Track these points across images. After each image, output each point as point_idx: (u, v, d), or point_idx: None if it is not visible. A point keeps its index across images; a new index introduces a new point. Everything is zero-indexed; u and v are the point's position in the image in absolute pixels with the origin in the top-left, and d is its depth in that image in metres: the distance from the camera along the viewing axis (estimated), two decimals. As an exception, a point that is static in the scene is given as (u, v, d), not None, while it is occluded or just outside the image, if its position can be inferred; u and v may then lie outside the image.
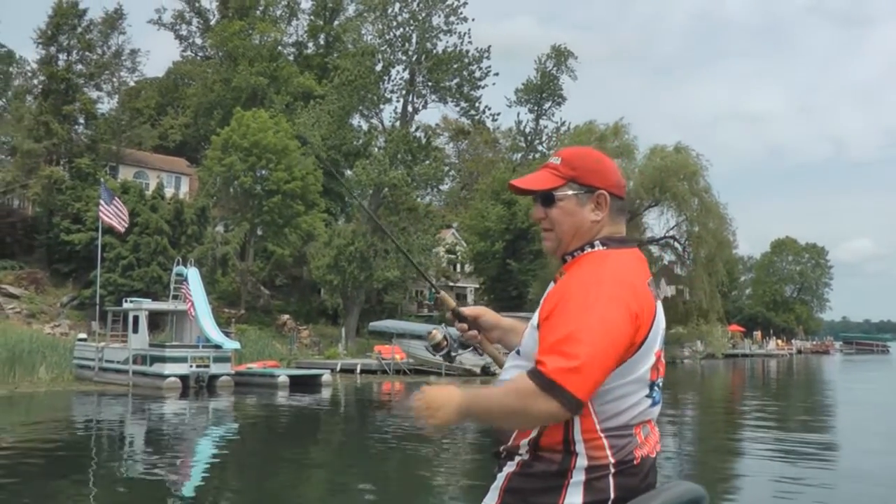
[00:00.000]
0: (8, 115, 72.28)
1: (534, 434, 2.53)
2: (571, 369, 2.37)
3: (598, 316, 2.43)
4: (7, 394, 31.61)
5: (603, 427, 2.50)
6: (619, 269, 2.59)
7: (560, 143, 74.77)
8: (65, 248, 57.40)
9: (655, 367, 2.63)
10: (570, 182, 2.72)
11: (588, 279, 2.55)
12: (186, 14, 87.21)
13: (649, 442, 2.66)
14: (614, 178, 2.78)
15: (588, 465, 2.48)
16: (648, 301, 2.57)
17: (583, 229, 2.71)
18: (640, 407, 2.59)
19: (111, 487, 14.38)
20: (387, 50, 64.75)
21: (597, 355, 2.39)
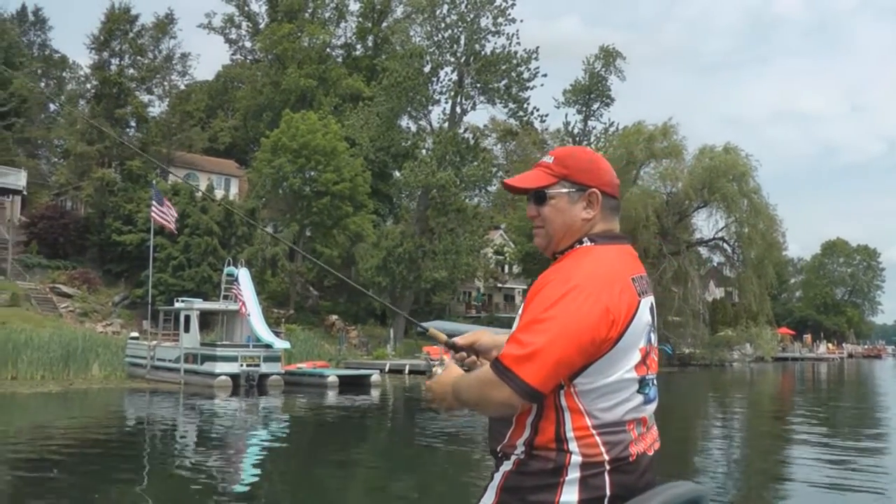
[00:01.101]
0: (61, 119, 73.26)
1: (528, 433, 2.56)
2: (523, 356, 2.43)
3: (561, 307, 2.45)
4: (62, 390, 32.00)
5: (594, 424, 2.51)
6: (598, 264, 2.60)
7: (609, 143, 74.42)
8: (116, 249, 58.14)
9: (643, 364, 2.63)
10: (562, 180, 2.74)
11: (562, 273, 2.57)
12: (236, 18, 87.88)
13: (645, 439, 2.68)
14: (607, 177, 2.78)
15: (582, 462, 2.49)
16: (628, 297, 2.56)
17: (574, 227, 2.73)
18: (632, 403, 2.59)
19: (162, 483, 14.50)
20: (435, 51, 64.79)
21: (552, 345, 2.41)
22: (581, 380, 2.50)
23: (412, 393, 38.93)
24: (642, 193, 63.14)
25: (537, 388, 2.43)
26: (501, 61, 64.20)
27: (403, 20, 75.85)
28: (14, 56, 72.11)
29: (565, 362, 2.44)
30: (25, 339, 36.64)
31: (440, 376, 2.80)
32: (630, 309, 2.54)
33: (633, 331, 2.55)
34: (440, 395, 2.74)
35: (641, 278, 2.69)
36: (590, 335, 2.43)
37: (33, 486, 13.75)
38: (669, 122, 66.53)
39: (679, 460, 17.78)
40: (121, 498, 12.92)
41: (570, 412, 2.51)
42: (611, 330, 2.47)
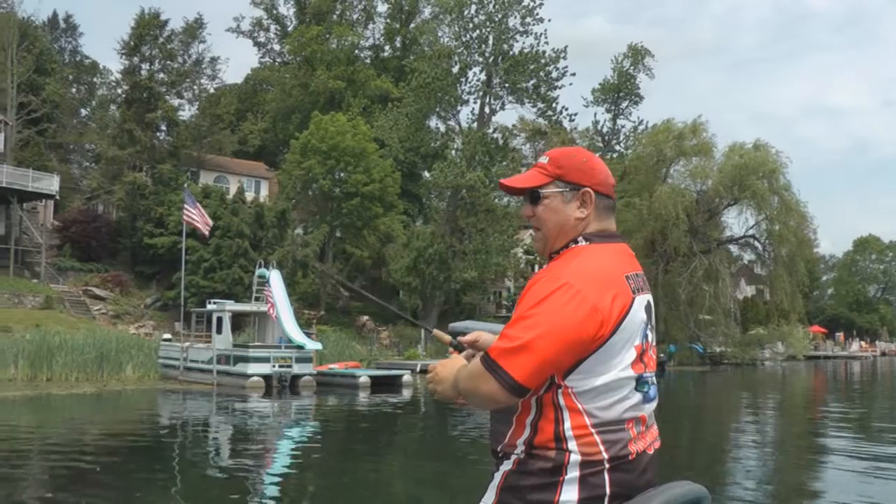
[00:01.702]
0: (92, 124, 73.80)
1: (527, 433, 2.57)
2: (510, 350, 2.44)
3: (549, 304, 2.46)
4: (96, 391, 32.23)
5: (593, 423, 2.52)
6: (589, 262, 2.61)
7: (638, 142, 74.27)
8: (148, 252, 58.56)
9: (640, 362, 2.63)
10: (555, 180, 2.75)
11: (553, 271, 2.58)
12: (264, 21, 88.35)
13: (645, 437, 2.67)
14: (601, 177, 2.77)
15: (582, 461, 2.49)
16: (620, 294, 2.56)
17: (567, 226, 2.73)
18: (630, 402, 2.60)
19: (195, 482, 14.58)
20: (463, 52, 64.86)
21: (539, 341, 2.42)
22: (575, 378, 2.51)
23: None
24: (672, 192, 62.95)
25: (522, 383, 2.45)
26: (530, 61, 64.20)
27: (431, 21, 76.00)
28: (46, 62, 72.63)
29: (551, 359, 2.45)
30: (60, 342, 36.90)
31: (447, 361, 2.83)
32: (623, 307, 2.54)
33: (626, 329, 2.55)
34: (442, 377, 2.76)
35: (637, 276, 2.70)
36: (576, 332, 2.44)
37: (71, 484, 13.88)
38: (699, 119, 66.34)
39: (709, 462, 17.72)
40: (157, 496, 13.01)
41: (569, 411, 2.52)
42: (600, 328, 2.48)
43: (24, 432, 21.84)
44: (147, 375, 37.37)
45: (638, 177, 67.42)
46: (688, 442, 21.74)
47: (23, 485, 14.22)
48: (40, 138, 69.66)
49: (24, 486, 14.08)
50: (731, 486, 14.25)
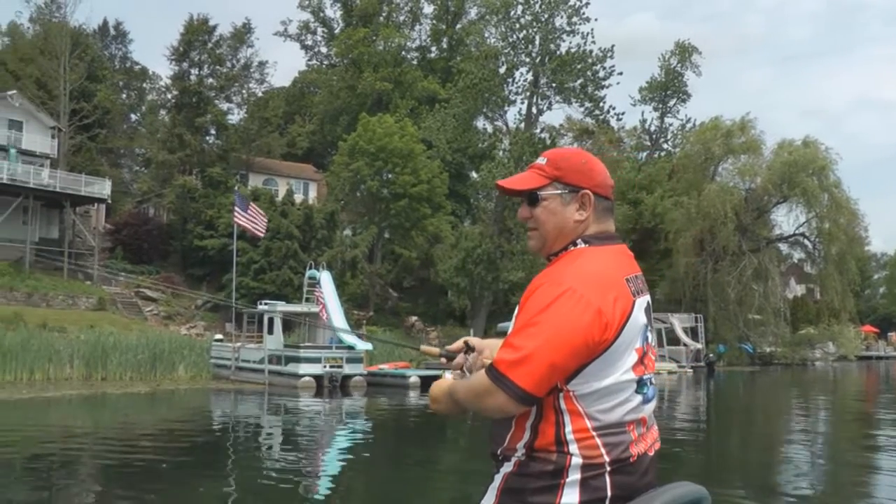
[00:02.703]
0: (142, 129, 74.60)
1: (528, 436, 2.56)
2: (516, 361, 2.44)
3: (553, 311, 2.46)
4: (150, 390, 32.63)
5: (594, 426, 2.51)
6: (591, 265, 2.60)
7: (686, 140, 73.89)
8: (198, 253, 59.16)
9: (640, 364, 2.62)
10: (554, 182, 2.73)
11: (554, 276, 2.57)
12: (311, 24, 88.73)
13: (645, 439, 2.67)
14: (600, 178, 2.75)
15: (583, 464, 2.49)
16: (621, 298, 2.55)
17: (566, 228, 2.72)
18: (631, 404, 2.59)
19: (247, 480, 14.72)
20: (510, 52, 64.83)
21: (545, 348, 2.43)
22: (578, 382, 2.51)
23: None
24: (720, 190, 62.62)
25: (531, 392, 2.45)
26: (576, 60, 64.03)
27: (478, 21, 76.03)
28: (97, 69, 73.47)
29: (558, 365, 2.45)
30: (114, 342, 37.45)
31: (439, 381, 2.82)
32: (625, 310, 2.54)
33: (629, 332, 2.55)
34: (441, 400, 2.76)
35: (636, 278, 2.69)
36: (582, 338, 2.44)
37: (124, 481, 14.11)
38: (747, 116, 65.97)
39: (760, 463, 17.62)
40: (209, 494, 13.20)
41: (570, 414, 2.52)
42: (605, 332, 2.47)
43: (81, 429, 22.24)
44: (199, 375, 37.76)
45: (686, 175, 67.14)
46: (738, 443, 21.68)
47: (79, 479, 14.51)
48: (92, 143, 70.53)
49: (81, 481, 14.36)
50: (782, 487, 14.22)
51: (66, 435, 20.79)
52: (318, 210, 59.07)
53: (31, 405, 27.35)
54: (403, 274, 64.94)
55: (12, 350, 34.38)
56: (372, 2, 79.41)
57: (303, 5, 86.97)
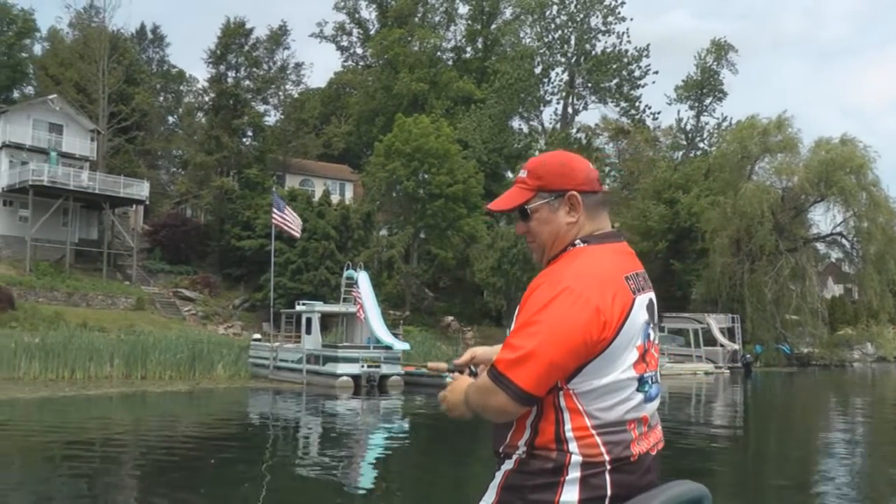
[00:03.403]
0: (180, 131, 75.17)
1: (528, 434, 2.57)
2: (515, 360, 2.47)
3: (551, 310, 2.47)
4: (189, 389, 32.88)
5: (594, 424, 2.52)
6: (589, 264, 2.60)
7: (722, 139, 73.50)
8: (236, 254, 59.52)
9: (642, 362, 2.63)
10: (539, 192, 2.73)
11: (553, 276, 2.58)
12: (347, 25, 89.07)
13: (647, 438, 2.67)
14: (582, 175, 2.74)
15: (583, 462, 2.50)
16: (620, 296, 2.55)
17: (561, 233, 2.72)
18: (632, 402, 2.59)
19: (286, 477, 14.87)
20: (545, 52, 64.97)
21: (543, 348, 2.44)
22: (578, 381, 2.52)
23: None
24: (757, 189, 62.20)
25: (531, 392, 2.47)
26: (612, 60, 64.07)
27: (513, 21, 76.13)
28: (135, 73, 74.10)
29: (558, 364, 2.46)
30: (153, 342, 37.81)
31: (454, 384, 2.84)
32: (624, 308, 2.54)
33: (629, 330, 2.55)
34: (453, 402, 2.77)
35: (637, 275, 2.68)
36: (581, 337, 2.45)
37: (164, 477, 14.29)
38: (784, 114, 65.34)
39: (797, 467, 17.56)
40: (248, 492, 13.34)
41: (570, 412, 2.52)
42: (603, 331, 2.48)
43: (122, 426, 22.48)
44: (237, 374, 37.99)
45: (722, 174, 66.73)
46: (775, 446, 21.59)
47: (120, 475, 14.72)
48: (130, 146, 71.13)
49: (122, 477, 14.57)
50: (820, 491, 14.19)
51: (107, 432, 21.05)
52: (355, 210, 59.25)
53: (73, 403, 27.67)
54: (439, 274, 65.05)
55: (54, 349, 34.83)
56: (407, 2, 79.58)
57: (338, 7, 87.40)
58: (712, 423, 26.22)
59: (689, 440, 20.01)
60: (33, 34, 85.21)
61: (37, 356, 34.25)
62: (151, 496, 13.09)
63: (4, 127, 58.51)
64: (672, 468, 12.49)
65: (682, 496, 2.59)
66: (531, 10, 65.48)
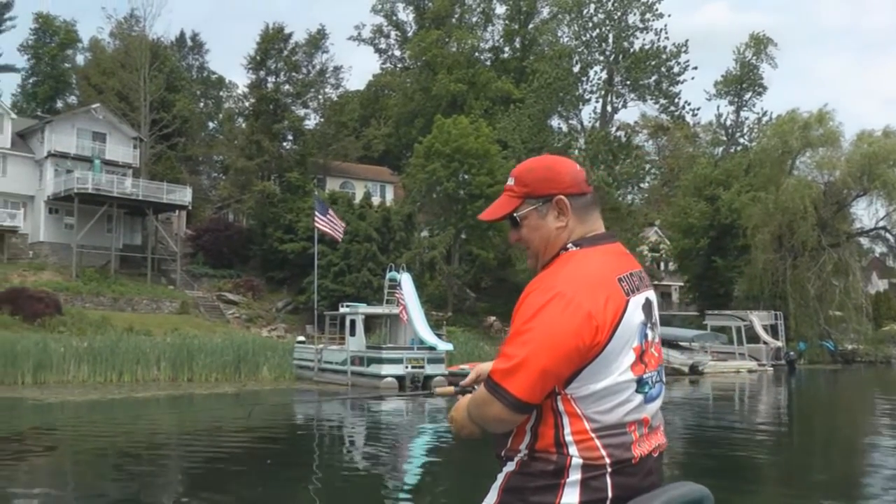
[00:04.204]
0: (220, 136, 75.79)
1: (528, 439, 2.58)
2: (508, 369, 2.48)
3: (543, 317, 2.46)
4: (235, 391, 33.22)
5: (593, 427, 2.51)
6: (580, 269, 2.60)
7: (762, 134, 72.98)
8: (278, 257, 60.00)
9: (640, 363, 2.60)
10: (526, 199, 2.74)
11: (544, 282, 2.58)
12: (385, 28, 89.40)
13: (649, 440, 2.65)
14: (568, 178, 2.74)
15: (583, 465, 2.50)
16: (613, 298, 2.54)
17: (552, 239, 2.72)
18: (631, 405, 2.58)
19: (331, 477, 15.02)
20: (583, 51, 64.80)
21: (536, 355, 2.44)
22: (575, 386, 2.51)
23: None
24: (798, 184, 61.75)
25: (526, 400, 2.47)
26: (651, 57, 63.79)
27: (550, 20, 76.09)
28: (175, 80, 74.88)
29: (551, 371, 2.45)
30: (199, 344, 38.26)
31: (459, 403, 2.85)
32: (617, 311, 2.52)
33: (623, 332, 2.53)
34: (460, 422, 2.77)
35: (632, 276, 2.67)
36: (573, 343, 2.44)
37: (212, 476, 14.52)
38: (825, 108, 64.75)
39: (844, 466, 17.47)
40: (294, 491, 13.51)
41: (568, 416, 2.51)
42: (596, 335, 2.46)
43: (170, 428, 22.80)
44: (282, 376, 38.32)
45: (763, 170, 66.28)
46: (821, 445, 21.51)
47: (168, 475, 14.97)
48: (172, 152, 71.89)
49: (170, 476, 14.81)
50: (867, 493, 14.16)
51: (161, 432, 21.40)
52: (396, 212, 59.49)
53: (122, 405, 28.11)
54: (481, 274, 65.14)
55: (102, 353, 35.38)
56: (444, 4, 79.70)
57: (376, 9, 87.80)
58: (756, 422, 26.15)
59: (733, 439, 20.04)
60: (75, 45, 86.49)
61: (85, 360, 34.85)
62: (195, 494, 13.29)
63: (49, 136, 59.40)
64: (716, 466, 12.50)
65: (683, 497, 2.58)
66: (568, 8, 65.31)
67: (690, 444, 19.40)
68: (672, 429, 22.94)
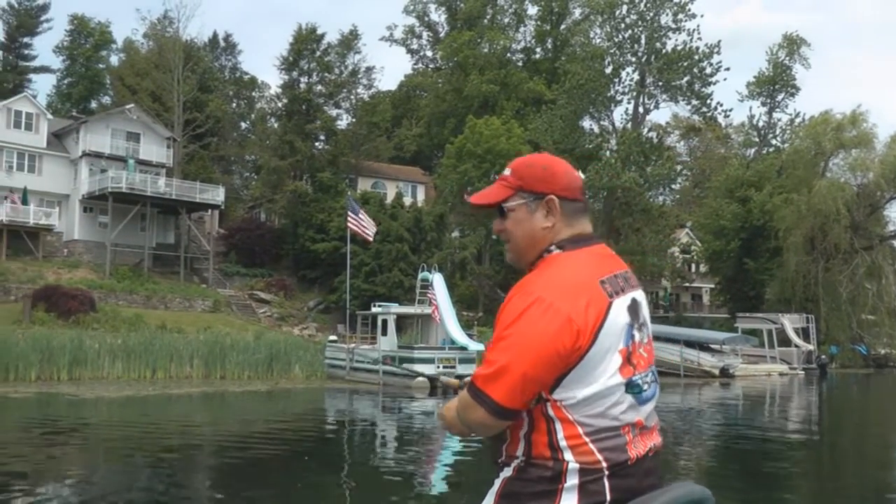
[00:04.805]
0: (252, 136, 76.23)
1: (523, 446, 2.55)
2: (490, 375, 2.46)
3: (523, 322, 2.44)
4: (268, 389, 33.44)
5: (586, 432, 2.49)
6: (560, 272, 2.58)
7: (795, 135, 72.64)
8: (310, 257, 60.33)
9: (628, 365, 2.57)
10: (519, 192, 2.71)
11: (525, 287, 2.56)
12: (416, 28, 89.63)
13: (644, 441, 2.62)
14: (564, 181, 2.71)
15: (580, 469, 2.47)
16: (595, 302, 2.51)
17: (536, 236, 2.69)
18: (622, 407, 2.55)
19: (363, 475, 15.13)
20: (615, 52, 64.76)
21: (517, 361, 2.42)
22: (561, 392, 2.49)
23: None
24: (831, 186, 61.38)
25: (507, 406, 2.46)
26: (683, 58, 63.67)
27: (582, 21, 76.02)
28: (208, 80, 75.53)
29: (531, 377, 2.43)
30: (231, 343, 38.53)
31: (451, 401, 2.80)
32: (599, 314, 2.50)
33: (606, 336, 2.50)
34: (450, 420, 2.75)
35: (616, 277, 2.64)
36: (553, 347, 2.42)
37: (244, 473, 14.68)
38: (858, 109, 64.32)
39: (877, 474, 17.40)
40: (326, 487, 13.64)
41: (560, 422, 2.49)
42: (577, 339, 2.44)
43: (204, 424, 23.03)
44: (314, 375, 38.48)
45: (796, 171, 65.94)
46: (853, 450, 21.42)
47: (200, 471, 15.15)
48: (204, 152, 72.47)
49: (202, 472, 14.99)
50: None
51: (191, 429, 21.62)
52: (428, 213, 59.66)
53: (157, 401, 28.38)
54: (512, 275, 65.05)
55: (136, 350, 35.71)
56: (476, 5, 79.81)
57: (408, 10, 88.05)
58: (787, 426, 26.08)
59: (764, 443, 20.01)
60: (110, 46, 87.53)
61: (120, 356, 35.17)
62: (227, 489, 13.43)
63: (84, 136, 59.99)
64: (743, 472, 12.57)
65: (685, 497, 2.56)
66: (601, 9, 65.34)
67: (718, 450, 19.41)
68: (699, 431, 23.04)
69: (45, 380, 32.70)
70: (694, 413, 29.18)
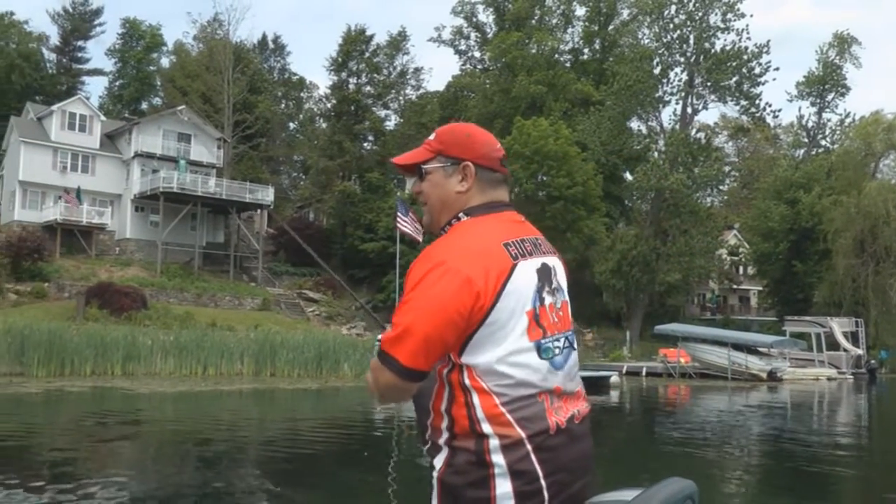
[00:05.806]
0: (301, 137, 76.86)
1: (445, 421, 2.54)
2: (394, 338, 2.47)
3: (424, 285, 2.47)
4: (317, 387, 33.82)
5: (503, 402, 2.48)
6: (463, 236, 2.63)
7: (845, 136, 72.11)
8: (358, 256, 60.80)
9: (537, 327, 2.57)
10: (438, 155, 2.76)
11: (429, 252, 2.58)
12: (465, 29, 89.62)
13: (566, 407, 2.62)
14: (483, 150, 2.76)
15: (502, 445, 2.46)
16: (497, 263, 2.53)
17: (449, 200, 2.74)
18: (537, 374, 2.54)
19: (407, 473, 15.32)
20: (664, 52, 64.60)
21: (418, 322, 2.44)
22: (469, 354, 2.51)
23: (650, 395, 39.03)
24: (881, 187, 60.96)
25: (411, 367, 2.45)
26: (732, 58, 63.37)
27: (631, 22, 75.86)
28: (257, 82, 76.21)
29: (433, 338, 2.45)
30: (281, 341, 39.02)
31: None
32: (500, 275, 2.51)
33: (510, 297, 2.52)
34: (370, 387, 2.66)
35: (523, 241, 2.66)
36: (454, 307, 2.44)
37: (290, 469, 14.96)
38: (909, 110, 63.82)
39: None
40: (372, 485, 13.84)
41: (477, 393, 2.49)
42: (477, 300, 2.46)
43: (255, 420, 23.37)
44: (363, 373, 38.80)
45: (845, 173, 65.52)
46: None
47: (250, 466, 15.42)
48: (254, 152, 73.14)
49: (251, 467, 15.26)
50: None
51: (245, 424, 21.98)
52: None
53: (209, 397, 28.86)
54: (555, 275, 65.17)
55: (188, 347, 36.33)
56: (524, 6, 79.78)
57: (456, 11, 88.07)
58: (834, 432, 25.95)
59: (808, 448, 19.97)
60: (161, 48, 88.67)
61: (171, 353, 35.79)
62: (276, 484, 13.66)
63: (137, 137, 60.89)
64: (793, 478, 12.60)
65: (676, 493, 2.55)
66: (649, 10, 65.21)
67: (766, 454, 19.42)
68: (747, 434, 23.04)
69: (100, 374, 33.34)
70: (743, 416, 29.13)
